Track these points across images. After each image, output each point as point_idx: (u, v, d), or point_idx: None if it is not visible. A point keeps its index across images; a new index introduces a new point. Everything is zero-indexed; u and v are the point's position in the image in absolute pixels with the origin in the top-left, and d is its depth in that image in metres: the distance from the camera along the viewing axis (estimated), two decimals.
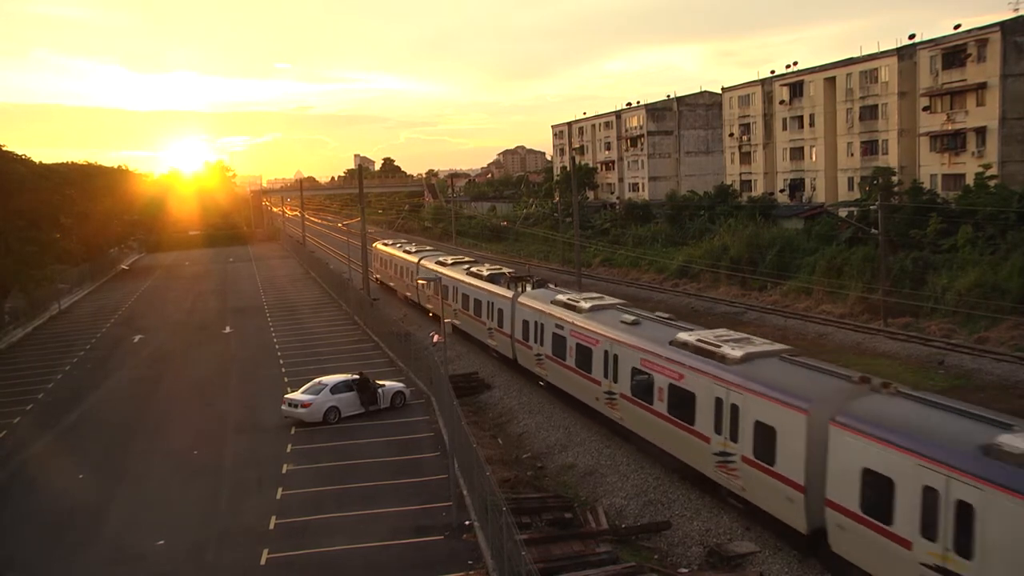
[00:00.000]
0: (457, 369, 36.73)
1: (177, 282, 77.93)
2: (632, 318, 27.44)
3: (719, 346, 22.15)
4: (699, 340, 23.09)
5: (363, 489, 22.96)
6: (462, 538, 19.47)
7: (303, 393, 29.91)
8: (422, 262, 52.13)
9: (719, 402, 20.91)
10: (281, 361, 39.90)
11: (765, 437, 19.18)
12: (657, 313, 29.56)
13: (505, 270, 42.86)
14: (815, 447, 17.63)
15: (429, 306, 49.66)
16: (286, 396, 30.21)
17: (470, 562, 18.24)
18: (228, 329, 50.05)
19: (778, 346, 22.67)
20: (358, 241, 58.15)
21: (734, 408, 20.34)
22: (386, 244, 65.80)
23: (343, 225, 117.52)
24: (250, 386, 35.83)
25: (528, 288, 36.23)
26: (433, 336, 33.50)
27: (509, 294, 36.45)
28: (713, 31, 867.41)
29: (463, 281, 42.21)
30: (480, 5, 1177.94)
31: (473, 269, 43.60)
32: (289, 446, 27.17)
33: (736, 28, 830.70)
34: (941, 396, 18.80)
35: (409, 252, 58.00)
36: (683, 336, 23.84)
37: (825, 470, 17.33)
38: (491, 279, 40.03)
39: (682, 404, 22.48)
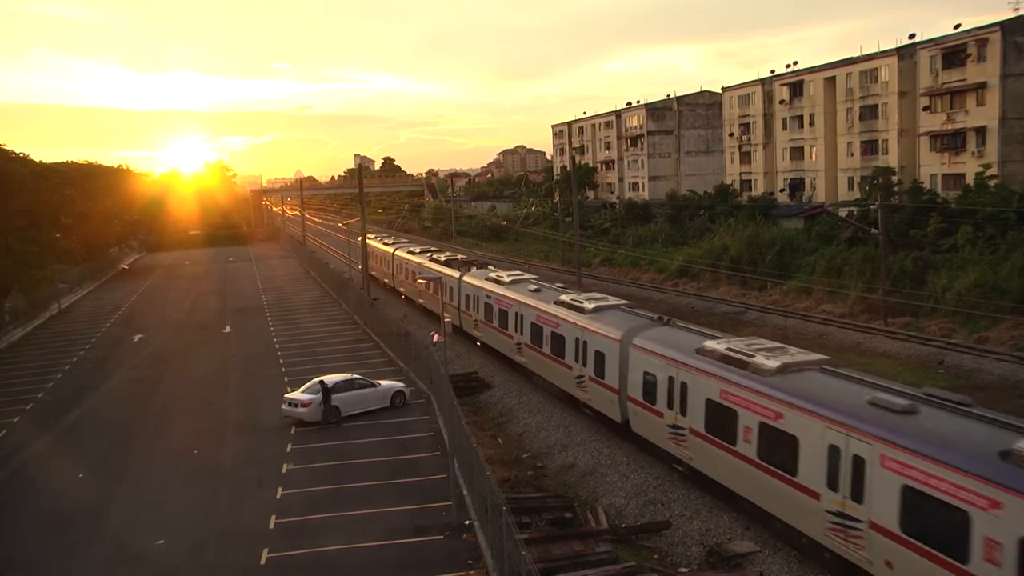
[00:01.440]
0: (457, 369, 36.73)
1: (177, 282, 77.92)
2: (535, 287, 35.58)
3: (582, 302, 30.23)
4: (571, 299, 31.18)
5: (363, 489, 22.97)
6: (462, 538, 19.47)
7: (303, 393, 29.89)
8: (396, 252, 60.78)
9: (577, 340, 29.10)
10: (281, 361, 39.90)
11: (599, 361, 27.42)
12: (558, 284, 37.83)
13: (459, 256, 51.47)
14: (624, 363, 25.91)
15: (402, 289, 58.48)
16: (286, 396, 30.21)
17: (470, 562, 18.24)
18: (228, 329, 50.05)
19: (623, 302, 30.91)
20: (358, 240, 58.92)
21: (585, 343, 28.57)
22: (369, 238, 70.31)
23: (343, 225, 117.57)
24: (250, 386, 35.83)
25: (473, 269, 44.40)
26: (433, 336, 33.57)
27: (457, 274, 43.90)
28: (713, 31, 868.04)
29: (425, 266, 50.68)
30: (480, 5, 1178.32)
31: (434, 256, 52.46)
32: (289, 446, 27.18)
33: (736, 28, 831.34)
34: (697, 325, 28.36)
35: (387, 244, 66.18)
36: (563, 297, 32.08)
37: (627, 377, 25.62)
38: (446, 263, 48.15)
39: (557, 344, 30.73)
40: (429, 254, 54.00)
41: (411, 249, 59.05)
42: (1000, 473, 13.74)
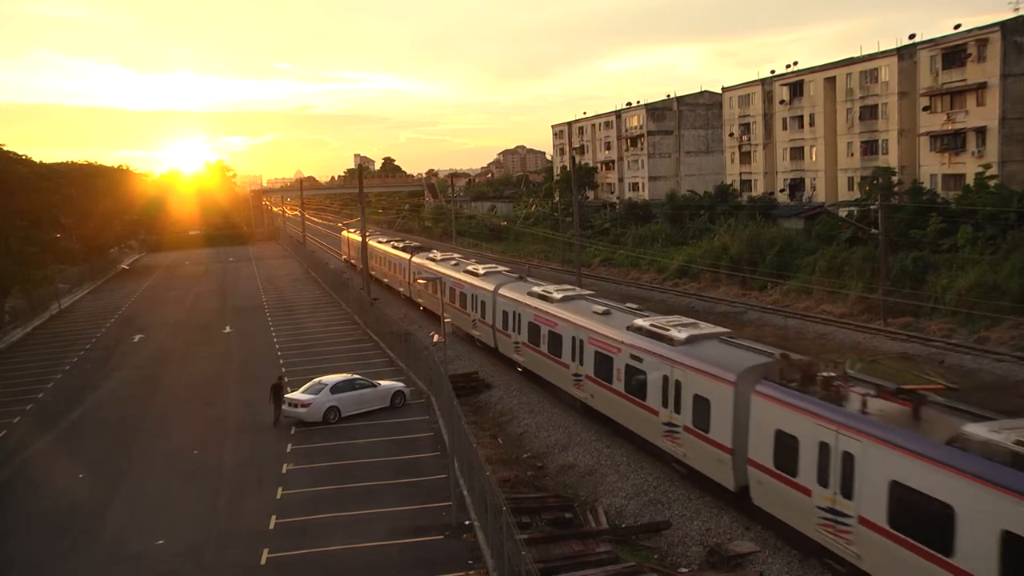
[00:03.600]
0: (457, 369, 36.73)
1: (177, 282, 77.91)
2: (454, 263, 48.27)
3: (478, 270, 42.89)
4: (472, 269, 43.81)
5: (363, 489, 22.99)
6: (462, 538, 19.48)
7: (303, 393, 29.92)
8: (369, 242, 69.21)
9: (473, 296, 41.26)
10: (281, 361, 39.87)
11: (483, 306, 39.72)
12: (473, 259, 51.79)
13: (414, 244, 65.17)
14: (494, 306, 38.02)
15: (373, 272, 66.70)
16: (286, 396, 30.20)
17: (470, 562, 18.24)
18: (228, 329, 50.05)
19: (505, 269, 43.84)
20: (342, 233, 60.10)
21: (476, 296, 40.80)
22: (350, 232, 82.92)
23: (343, 225, 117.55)
24: (250, 386, 35.76)
25: (420, 253, 57.55)
26: (433, 336, 33.60)
27: (408, 256, 57.39)
28: (713, 31, 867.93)
29: (388, 252, 64.19)
30: (480, 5, 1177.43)
31: (395, 244, 65.57)
32: (289, 446, 27.19)
33: (736, 28, 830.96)
34: (539, 280, 39.86)
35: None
36: (468, 268, 44.56)
37: (495, 315, 37.69)
38: (403, 250, 60.89)
39: (463, 300, 42.75)
40: (392, 243, 67.12)
41: (379, 239, 71.55)
42: (621, 335, 26.40)
